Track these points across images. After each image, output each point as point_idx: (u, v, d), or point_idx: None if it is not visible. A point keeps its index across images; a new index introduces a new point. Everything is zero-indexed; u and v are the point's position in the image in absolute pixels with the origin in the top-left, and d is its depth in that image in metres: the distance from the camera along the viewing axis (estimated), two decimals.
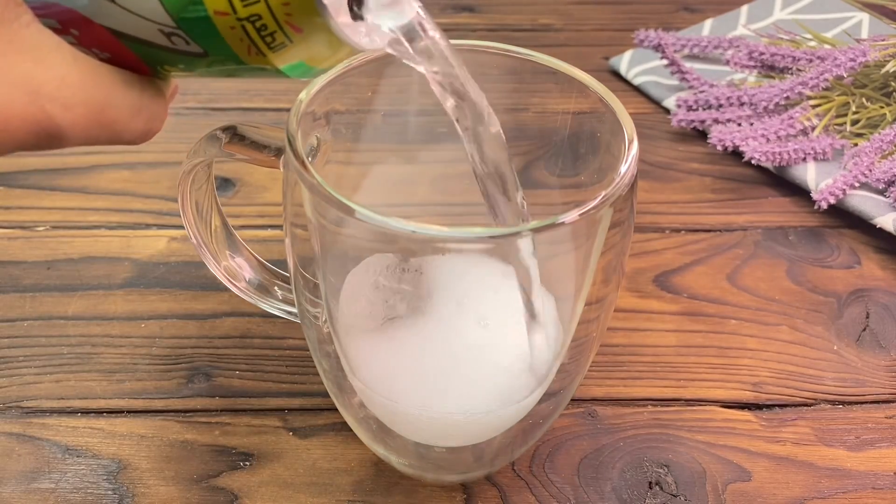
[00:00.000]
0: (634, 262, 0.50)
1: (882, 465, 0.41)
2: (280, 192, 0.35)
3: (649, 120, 0.61)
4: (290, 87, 0.63)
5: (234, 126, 0.36)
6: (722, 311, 0.48)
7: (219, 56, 0.27)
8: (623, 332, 0.46)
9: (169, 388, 0.43)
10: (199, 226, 0.40)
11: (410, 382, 0.34)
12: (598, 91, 0.35)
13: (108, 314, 0.46)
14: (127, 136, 0.28)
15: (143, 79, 0.29)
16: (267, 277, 0.41)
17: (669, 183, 0.56)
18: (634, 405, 0.43)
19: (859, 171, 0.53)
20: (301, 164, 0.31)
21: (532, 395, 0.35)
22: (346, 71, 0.35)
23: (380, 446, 0.38)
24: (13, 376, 0.43)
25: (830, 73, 0.56)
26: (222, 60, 0.27)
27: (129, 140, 0.29)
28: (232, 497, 0.38)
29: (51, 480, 0.39)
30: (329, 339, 0.36)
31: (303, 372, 0.44)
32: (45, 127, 0.26)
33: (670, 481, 0.40)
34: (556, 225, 0.29)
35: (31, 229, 0.51)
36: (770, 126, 0.56)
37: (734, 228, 0.53)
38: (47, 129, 0.26)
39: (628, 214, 0.33)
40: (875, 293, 0.49)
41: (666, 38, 0.62)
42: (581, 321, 0.35)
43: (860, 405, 0.43)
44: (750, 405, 0.43)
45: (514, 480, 0.39)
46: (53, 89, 0.25)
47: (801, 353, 0.46)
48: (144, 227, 0.51)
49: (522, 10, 0.72)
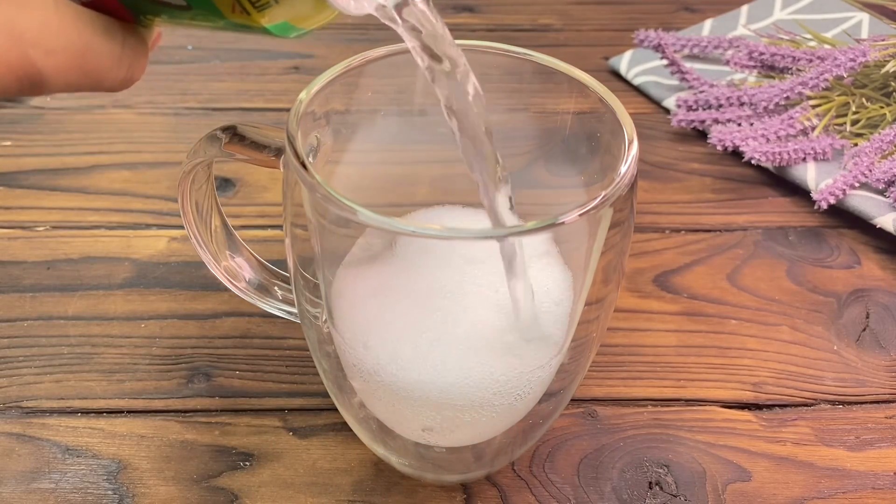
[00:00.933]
0: (634, 262, 0.50)
1: (882, 465, 0.41)
2: (280, 192, 0.35)
3: (649, 120, 0.61)
4: (290, 87, 0.63)
5: (234, 126, 0.36)
6: (722, 311, 0.48)
7: (202, 11, 0.27)
8: (623, 332, 0.46)
9: (169, 388, 0.43)
10: (199, 226, 0.40)
11: (410, 346, 0.33)
12: (598, 91, 0.35)
13: (108, 314, 0.46)
14: (107, 83, 0.29)
15: (125, 26, 0.29)
16: (267, 277, 0.41)
17: (669, 183, 0.56)
18: (634, 405, 0.43)
19: (859, 171, 0.53)
20: (301, 164, 0.31)
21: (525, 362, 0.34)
22: (346, 71, 0.35)
23: (380, 446, 0.38)
24: (13, 376, 0.43)
25: (830, 73, 0.56)
26: (206, 15, 0.27)
27: (110, 87, 0.29)
28: (232, 497, 0.38)
29: (51, 480, 0.39)
30: (329, 339, 0.36)
31: (303, 372, 0.44)
32: (28, 73, 0.26)
33: (670, 481, 0.40)
34: (556, 225, 0.29)
35: (31, 229, 0.51)
36: (770, 126, 0.56)
37: (734, 228, 0.53)
38: (30, 75, 0.26)
39: (628, 214, 0.33)
40: (875, 293, 0.49)
41: (666, 38, 0.62)
42: (581, 321, 0.35)
43: (860, 405, 0.43)
44: (750, 405, 0.43)
45: (514, 480, 0.39)
46: (36, 35, 0.26)
47: (801, 353, 0.46)
48: (144, 227, 0.51)
49: (522, 10, 0.73)
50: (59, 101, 0.60)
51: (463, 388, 0.33)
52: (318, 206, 0.32)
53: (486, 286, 0.33)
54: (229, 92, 0.62)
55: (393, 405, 0.35)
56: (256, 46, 0.67)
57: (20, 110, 0.60)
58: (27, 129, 0.58)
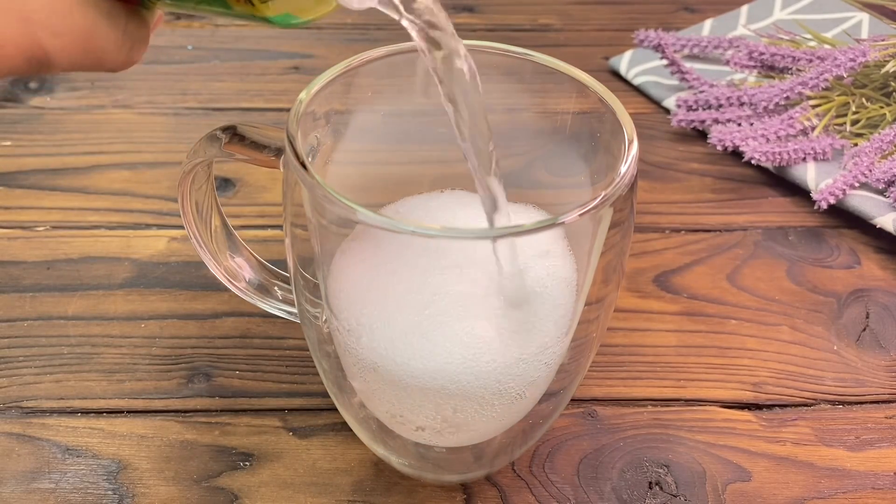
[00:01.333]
0: (634, 262, 0.50)
1: (882, 465, 0.41)
2: (280, 192, 0.35)
3: (649, 120, 0.61)
4: (290, 87, 0.63)
5: (234, 126, 0.36)
6: (722, 311, 0.48)
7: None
8: (623, 332, 0.46)
9: (169, 388, 0.43)
10: (199, 226, 0.40)
11: (414, 334, 0.33)
12: (598, 91, 0.35)
13: (108, 314, 0.46)
14: (110, 64, 0.30)
15: (128, 9, 0.30)
16: (267, 277, 0.41)
17: (669, 183, 0.56)
18: (634, 405, 0.43)
19: (859, 171, 0.53)
20: (301, 164, 0.31)
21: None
22: (346, 71, 0.35)
23: (380, 446, 0.38)
24: (13, 376, 0.43)
25: (830, 73, 0.56)
26: (210, 2, 0.28)
27: (112, 68, 0.30)
28: (232, 497, 0.38)
29: (51, 480, 0.39)
30: (329, 340, 0.36)
31: (303, 372, 0.44)
32: (36, 53, 0.28)
33: (670, 481, 0.40)
34: (557, 225, 0.29)
35: (31, 229, 0.51)
36: (770, 126, 0.56)
37: (734, 228, 0.53)
38: (37, 56, 0.28)
39: (628, 214, 0.33)
40: (875, 293, 0.49)
41: (666, 38, 0.62)
42: (581, 321, 0.35)
43: (860, 405, 0.43)
44: (750, 405, 0.43)
45: (514, 480, 0.39)
46: (43, 17, 0.27)
47: (801, 353, 0.46)
48: (144, 227, 0.51)
49: (522, 10, 0.73)
50: (59, 101, 0.60)
51: (465, 378, 0.33)
52: (318, 206, 0.32)
53: (486, 277, 0.33)
54: (229, 92, 0.62)
55: (392, 404, 0.35)
56: (256, 46, 0.67)
57: (20, 110, 0.60)
58: (27, 129, 0.58)
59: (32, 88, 0.61)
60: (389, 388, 0.34)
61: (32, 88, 0.61)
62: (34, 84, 0.62)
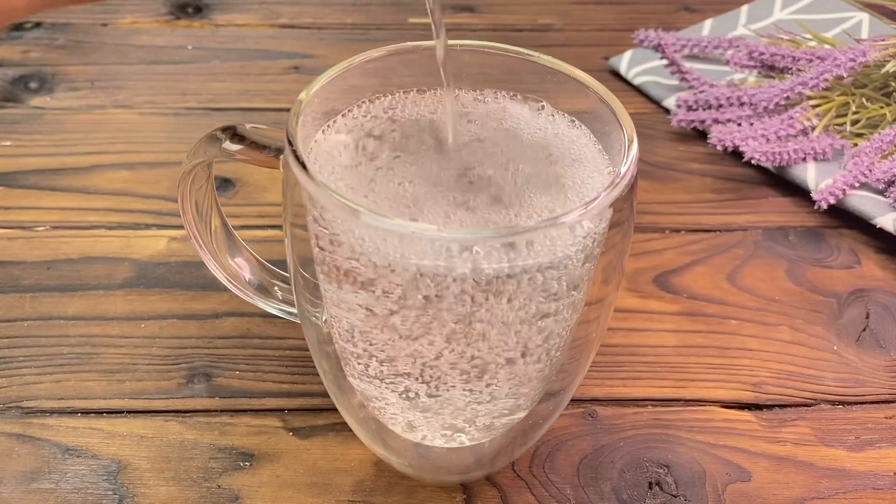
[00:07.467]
0: (634, 262, 0.50)
1: (882, 465, 0.41)
2: (280, 192, 0.35)
3: (649, 120, 0.61)
4: (290, 87, 0.63)
5: (234, 126, 0.36)
6: (722, 311, 0.48)
7: None
8: (623, 332, 0.46)
9: (169, 388, 0.43)
10: (199, 226, 0.40)
11: None
12: (598, 91, 0.35)
13: (108, 314, 0.46)
14: None
15: None
16: (267, 277, 0.41)
17: (669, 183, 0.56)
18: (634, 405, 0.43)
19: (859, 171, 0.53)
20: (301, 164, 0.31)
21: None
22: (346, 71, 0.35)
23: (380, 447, 0.38)
24: (13, 376, 0.43)
25: (830, 73, 0.56)
26: None
27: None
28: (232, 497, 0.38)
29: (51, 480, 0.39)
30: (329, 340, 0.36)
31: (303, 372, 0.44)
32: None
33: (670, 481, 0.40)
34: (556, 225, 0.29)
35: (31, 229, 0.51)
36: (770, 126, 0.56)
37: (734, 228, 0.53)
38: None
39: (628, 214, 0.33)
40: (875, 293, 0.49)
41: (666, 38, 0.62)
42: (581, 321, 0.35)
43: (860, 405, 0.43)
44: (750, 405, 0.43)
45: (514, 481, 0.39)
46: None
47: (801, 353, 0.46)
48: (144, 227, 0.51)
49: (522, 10, 0.72)
50: (59, 101, 0.60)
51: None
52: (318, 205, 0.32)
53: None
54: (229, 92, 0.62)
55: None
56: (256, 46, 0.67)
57: (20, 110, 0.60)
58: (27, 129, 0.58)
59: (32, 88, 0.61)
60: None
61: (32, 88, 0.61)
62: (34, 84, 0.62)
